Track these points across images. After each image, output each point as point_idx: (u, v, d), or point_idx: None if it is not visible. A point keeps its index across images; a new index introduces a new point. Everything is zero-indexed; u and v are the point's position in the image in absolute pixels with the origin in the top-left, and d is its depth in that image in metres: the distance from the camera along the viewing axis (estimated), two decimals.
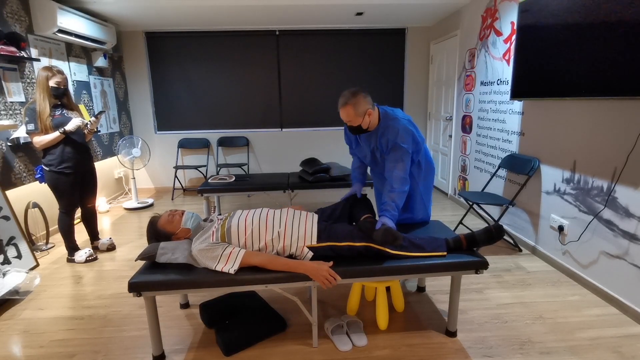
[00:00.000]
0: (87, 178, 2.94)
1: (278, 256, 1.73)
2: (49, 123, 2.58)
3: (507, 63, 3.16)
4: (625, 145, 2.06)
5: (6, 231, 2.60)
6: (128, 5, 3.74)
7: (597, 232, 2.28)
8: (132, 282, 1.63)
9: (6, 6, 3.00)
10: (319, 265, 1.67)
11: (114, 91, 4.72)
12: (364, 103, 1.87)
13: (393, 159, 1.91)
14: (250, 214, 1.84)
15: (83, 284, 2.57)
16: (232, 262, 1.67)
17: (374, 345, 1.86)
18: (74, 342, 1.94)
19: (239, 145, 5.26)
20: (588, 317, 2.06)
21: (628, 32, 1.89)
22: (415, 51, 5.15)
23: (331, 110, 5.27)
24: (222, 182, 3.48)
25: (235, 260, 1.67)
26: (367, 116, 1.89)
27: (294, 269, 1.68)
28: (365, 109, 1.88)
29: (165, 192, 5.21)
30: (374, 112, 1.93)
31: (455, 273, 1.82)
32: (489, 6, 3.45)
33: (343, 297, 2.32)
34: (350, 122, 1.92)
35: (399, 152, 1.90)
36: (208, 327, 2.03)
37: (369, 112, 1.89)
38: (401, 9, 4.17)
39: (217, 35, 4.95)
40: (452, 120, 4.41)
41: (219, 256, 1.67)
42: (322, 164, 3.53)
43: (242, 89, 5.14)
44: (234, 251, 1.69)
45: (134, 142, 4.36)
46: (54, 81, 2.60)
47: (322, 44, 5.08)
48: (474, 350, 1.81)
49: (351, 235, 1.79)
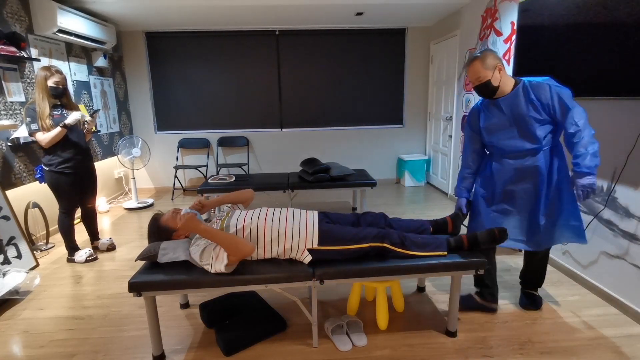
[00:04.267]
0: (87, 178, 2.94)
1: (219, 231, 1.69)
2: (48, 123, 2.58)
3: (507, 63, 3.16)
4: (625, 145, 2.06)
5: (6, 231, 2.60)
6: (128, 5, 3.74)
7: (597, 232, 2.28)
8: (132, 282, 1.63)
9: (6, 6, 3.00)
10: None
11: (114, 91, 4.72)
12: (493, 58, 1.78)
13: (568, 105, 1.69)
14: (249, 214, 1.84)
15: (83, 284, 2.57)
16: (221, 259, 1.63)
17: (374, 345, 1.86)
18: (74, 342, 1.94)
19: (239, 145, 5.26)
20: (588, 317, 2.06)
21: (628, 32, 1.89)
22: (415, 51, 5.15)
23: (331, 110, 5.27)
24: (222, 182, 3.48)
25: (223, 255, 1.63)
26: (497, 71, 1.78)
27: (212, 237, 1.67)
28: (495, 63, 1.78)
29: (165, 192, 5.21)
30: (505, 71, 1.82)
31: (455, 273, 1.82)
32: (489, 6, 3.45)
33: (343, 297, 2.32)
34: (479, 79, 1.80)
35: (567, 98, 1.71)
36: (208, 327, 2.03)
37: (499, 66, 1.78)
38: (401, 9, 4.17)
39: (217, 35, 4.95)
40: (452, 120, 4.41)
41: (211, 257, 1.66)
42: (322, 164, 3.53)
43: (242, 89, 5.14)
44: (220, 250, 1.66)
45: (134, 142, 4.36)
46: (52, 81, 2.59)
47: (322, 44, 5.08)
48: (474, 350, 1.81)
49: (357, 237, 1.78)
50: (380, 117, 5.32)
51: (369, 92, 5.24)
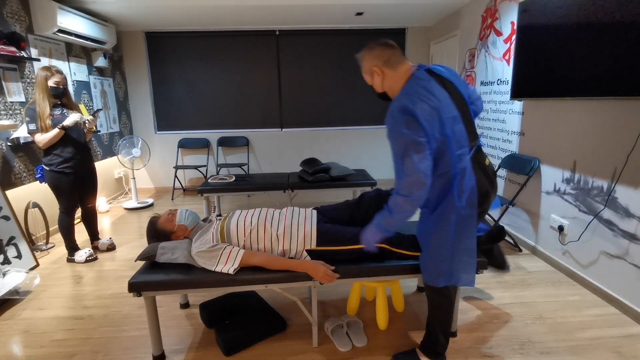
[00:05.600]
0: (87, 178, 2.94)
1: (277, 256, 1.73)
2: (48, 123, 2.58)
3: (507, 63, 3.16)
4: (625, 145, 2.06)
5: (6, 231, 2.60)
6: (128, 5, 3.74)
7: (597, 232, 2.28)
8: (132, 282, 1.63)
9: (6, 6, 3.00)
10: (317, 264, 1.68)
11: (114, 91, 4.72)
12: (370, 59, 1.46)
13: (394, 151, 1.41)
14: (249, 215, 1.84)
15: (83, 284, 2.57)
16: (231, 262, 1.67)
17: (374, 345, 1.86)
18: (74, 342, 1.94)
19: (239, 145, 5.25)
20: (588, 317, 2.06)
21: (628, 32, 1.89)
22: (415, 51, 5.15)
23: (331, 110, 5.27)
24: (222, 182, 3.48)
25: (235, 260, 1.67)
26: (375, 75, 1.46)
27: (294, 267, 1.68)
28: (370, 66, 1.46)
29: (165, 192, 5.21)
30: (389, 73, 1.44)
31: None
32: (489, 6, 3.45)
33: (343, 297, 2.32)
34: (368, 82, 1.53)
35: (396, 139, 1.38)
36: (208, 327, 2.03)
37: (375, 69, 1.45)
38: (401, 9, 4.17)
39: (217, 35, 4.95)
40: None
41: (219, 257, 1.67)
42: (322, 164, 3.53)
43: (242, 89, 5.14)
44: (234, 251, 1.69)
45: (134, 142, 4.36)
46: (53, 81, 2.60)
47: (322, 44, 5.08)
48: (474, 350, 1.81)
49: (355, 237, 1.77)
50: (380, 117, 5.32)
51: (369, 92, 5.23)
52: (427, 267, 1.57)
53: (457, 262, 1.50)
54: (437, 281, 1.54)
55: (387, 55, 1.43)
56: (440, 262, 1.51)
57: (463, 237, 1.47)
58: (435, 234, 1.50)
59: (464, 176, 1.41)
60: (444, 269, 1.51)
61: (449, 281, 1.53)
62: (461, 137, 1.40)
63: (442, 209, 1.45)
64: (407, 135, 1.31)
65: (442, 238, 1.48)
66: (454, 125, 1.37)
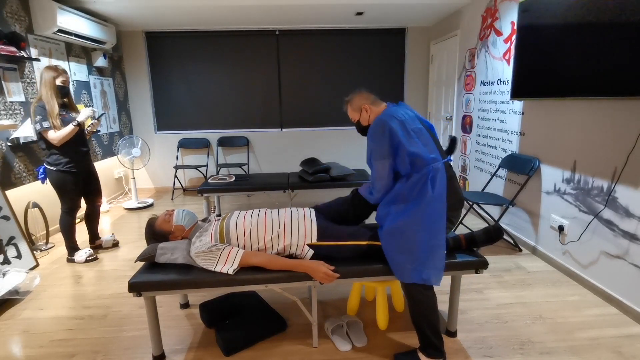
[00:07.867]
0: (90, 177, 2.95)
1: (277, 256, 1.73)
2: (58, 122, 2.59)
3: (507, 63, 3.16)
4: (625, 145, 2.06)
5: (6, 231, 2.60)
6: (128, 5, 3.74)
7: (597, 232, 2.28)
8: (132, 282, 1.63)
9: (6, 6, 3.00)
10: (317, 264, 1.68)
11: (114, 91, 4.72)
12: (359, 99, 1.90)
13: None
14: (248, 215, 1.84)
15: (83, 284, 2.57)
16: (230, 263, 1.67)
17: (374, 345, 1.86)
18: (74, 342, 1.94)
19: (239, 145, 5.25)
20: (588, 317, 2.06)
21: (628, 32, 1.89)
22: (415, 51, 5.15)
23: (331, 110, 5.27)
24: (222, 182, 3.48)
25: (234, 260, 1.67)
26: (364, 111, 1.88)
27: (294, 267, 1.68)
28: (360, 104, 1.89)
29: (165, 192, 5.21)
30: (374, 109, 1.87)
31: (455, 273, 1.82)
32: (489, 6, 3.45)
33: (343, 297, 2.32)
34: (353, 120, 1.95)
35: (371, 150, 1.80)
36: (208, 327, 2.03)
37: (365, 107, 1.87)
38: (401, 9, 4.17)
39: (217, 35, 4.95)
40: (452, 120, 4.41)
41: (218, 257, 1.67)
42: (322, 164, 3.53)
43: (242, 89, 5.14)
44: (233, 251, 1.69)
45: (134, 142, 4.36)
46: (60, 80, 2.63)
47: (322, 44, 5.08)
48: (474, 350, 1.81)
49: (355, 234, 1.79)
50: None
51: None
52: (399, 263, 1.66)
53: (427, 257, 1.61)
54: (411, 276, 1.62)
55: (372, 97, 1.91)
56: (411, 255, 1.62)
57: (434, 231, 1.61)
58: (406, 226, 1.64)
59: (437, 174, 1.63)
60: (416, 263, 1.61)
61: (420, 275, 1.60)
62: (430, 145, 1.69)
63: (416, 201, 1.64)
64: (378, 145, 1.71)
65: (413, 229, 1.63)
66: (419, 136, 1.68)
